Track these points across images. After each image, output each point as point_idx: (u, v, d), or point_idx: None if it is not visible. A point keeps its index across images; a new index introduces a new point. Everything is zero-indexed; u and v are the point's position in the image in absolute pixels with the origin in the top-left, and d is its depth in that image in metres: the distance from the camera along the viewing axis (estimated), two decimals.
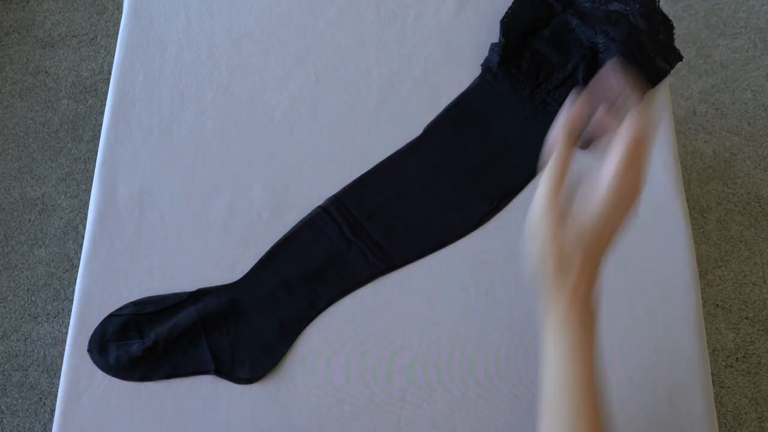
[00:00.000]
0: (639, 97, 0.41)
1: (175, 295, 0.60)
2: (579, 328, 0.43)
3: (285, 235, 0.63)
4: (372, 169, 0.65)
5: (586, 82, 0.66)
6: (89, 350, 0.58)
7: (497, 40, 0.70)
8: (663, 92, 0.68)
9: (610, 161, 0.41)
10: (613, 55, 0.66)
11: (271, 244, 0.63)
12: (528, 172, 0.65)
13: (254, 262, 0.62)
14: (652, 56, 0.67)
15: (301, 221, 0.63)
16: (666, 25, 0.68)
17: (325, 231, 0.62)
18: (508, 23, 0.69)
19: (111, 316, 0.59)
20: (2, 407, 1.21)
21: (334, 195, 0.64)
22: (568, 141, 0.43)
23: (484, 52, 0.70)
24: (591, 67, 0.67)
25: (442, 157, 0.66)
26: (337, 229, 0.62)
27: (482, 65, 0.69)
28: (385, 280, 0.61)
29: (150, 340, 0.58)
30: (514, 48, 0.68)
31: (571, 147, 0.43)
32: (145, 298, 0.60)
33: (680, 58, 0.67)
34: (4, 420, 1.20)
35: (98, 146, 0.68)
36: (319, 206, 0.64)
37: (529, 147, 0.66)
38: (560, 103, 0.66)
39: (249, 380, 0.58)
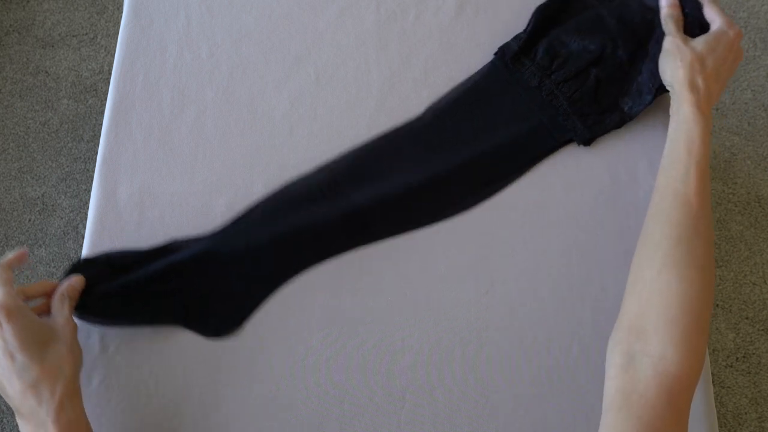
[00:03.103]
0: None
1: (151, 248, 0.61)
2: (701, 118, 0.56)
3: (267, 195, 0.63)
4: (367, 141, 0.66)
5: (598, 80, 0.65)
6: None
7: (497, 41, 0.70)
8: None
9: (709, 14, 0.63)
10: (633, 55, 0.66)
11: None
12: (523, 162, 0.65)
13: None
14: None
15: (286, 184, 0.64)
16: None
17: (310, 197, 0.63)
18: (543, 11, 0.69)
19: (86, 261, 0.59)
20: (2, 407, 1.21)
21: (325, 164, 0.65)
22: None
23: (484, 52, 0.70)
24: (609, 67, 0.66)
25: (439, 137, 0.66)
26: (320, 193, 0.63)
27: (496, 53, 0.69)
28: (386, 280, 0.61)
29: (121, 287, 0.58)
30: (535, 39, 0.68)
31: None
32: (121, 249, 0.61)
33: None
34: (4, 420, 1.20)
35: (98, 146, 0.68)
36: (306, 173, 0.64)
37: (529, 139, 0.66)
38: (567, 98, 0.65)
39: (218, 332, 0.58)
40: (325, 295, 0.61)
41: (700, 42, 0.60)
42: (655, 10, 0.67)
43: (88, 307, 0.56)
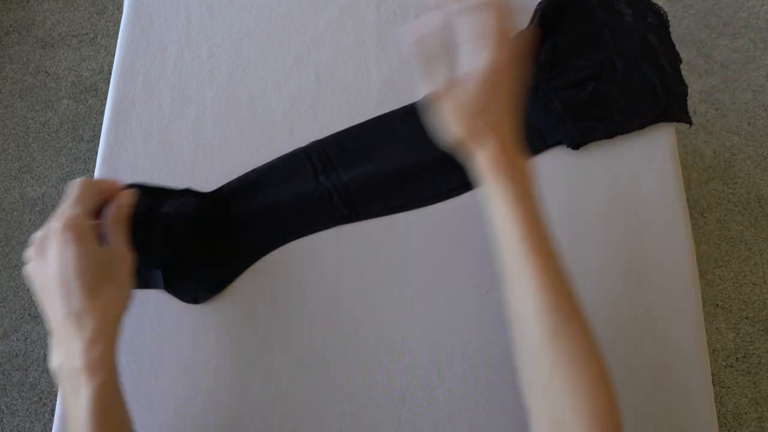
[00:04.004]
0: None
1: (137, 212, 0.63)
2: (509, 177, 0.46)
3: (259, 168, 0.65)
4: (362, 123, 0.67)
5: (593, 94, 0.66)
6: None
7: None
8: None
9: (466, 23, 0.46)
10: (631, 77, 0.66)
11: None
12: None
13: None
14: (674, 99, 0.67)
15: (280, 157, 0.65)
16: (682, 85, 0.68)
17: (299, 172, 0.64)
18: (544, 11, 0.69)
19: None
20: (2, 407, 1.21)
21: (318, 140, 0.66)
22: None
23: None
24: (606, 81, 0.67)
25: (427, 123, 0.66)
26: (312, 171, 0.64)
27: None
28: (387, 280, 0.61)
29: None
30: (538, 39, 0.68)
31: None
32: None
33: (689, 123, 0.68)
34: (4, 420, 1.21)
35: (98, 146, 0.68)
36: (300, 147, 0.65)
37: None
38: (563, 104, 0.66)
39: (195, 299, 0.60)
40: (325, 295, 0.61)
41: (468, 96, 0.47)
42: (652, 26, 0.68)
43: None
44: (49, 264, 0.47)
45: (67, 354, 0.47)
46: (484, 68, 0.45)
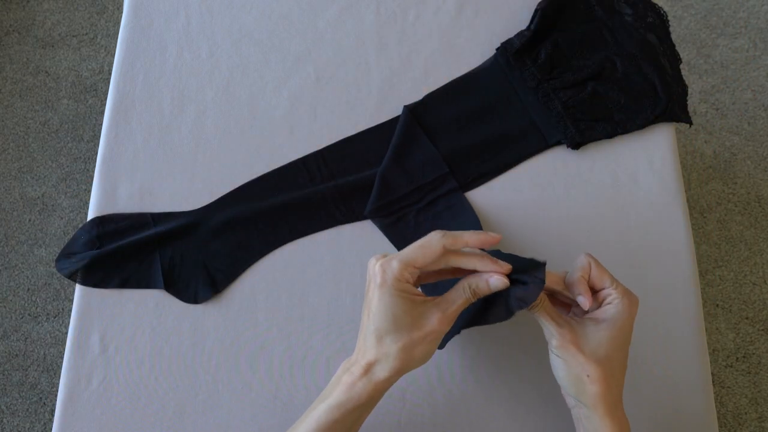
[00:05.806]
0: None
1: (139, 215, 0.63)
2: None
3: (261, 175, 0.65)
4: (362, 131, 0.67)
5: (593, 94, 0.66)
6: (57, 259, 0.63)
7: (496, 41, 0.70)
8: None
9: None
10: (631, 77, 0.66)
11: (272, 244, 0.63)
12: (509, 160, 0.65)
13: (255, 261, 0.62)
14: (674, 99, 0.67)
15: (281, 167, 0.65)
16: (682, 85, 0.69)
17: (297, 180, 0.65)
18: (544, 11, 0.69)
19: (80, 230, 0.64)
20: (2, 407, 1.21)
21: (319, 150, 0.66)
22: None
23: (484, 52, 0.70)
24: (606, 81, 0.67)
25: (427, 123, 0.67)
26: (308, 179, 0.65)
27: (498, 48, 0.69)
28: None
29: (106, 250, 0.61)
30: (538, 38, 0.68)
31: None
32: (110, 214, 0.63)
33: (689, 123, 0.68)
34: (4, 420, 1.21)
35: (98, 146, 0.68)
36: (300, 158, 0.66)
37: (520, 137, 0.66)
38: (563, 103, 0.66)
39: (195, 298, 0.61)
40: (325, 295, 0.61)
41: (602, 343, 0.48)
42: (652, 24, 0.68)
43: (84, 275, 0.61)
44: (368, 286, 0.47)
45: (329, 389, 0.47)
46: (623, 315, 0.48)
